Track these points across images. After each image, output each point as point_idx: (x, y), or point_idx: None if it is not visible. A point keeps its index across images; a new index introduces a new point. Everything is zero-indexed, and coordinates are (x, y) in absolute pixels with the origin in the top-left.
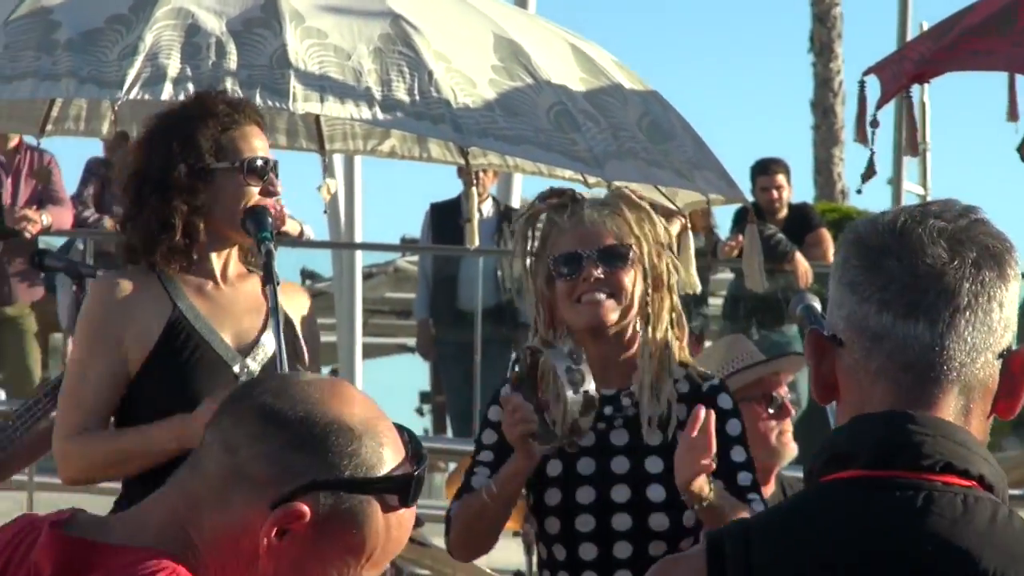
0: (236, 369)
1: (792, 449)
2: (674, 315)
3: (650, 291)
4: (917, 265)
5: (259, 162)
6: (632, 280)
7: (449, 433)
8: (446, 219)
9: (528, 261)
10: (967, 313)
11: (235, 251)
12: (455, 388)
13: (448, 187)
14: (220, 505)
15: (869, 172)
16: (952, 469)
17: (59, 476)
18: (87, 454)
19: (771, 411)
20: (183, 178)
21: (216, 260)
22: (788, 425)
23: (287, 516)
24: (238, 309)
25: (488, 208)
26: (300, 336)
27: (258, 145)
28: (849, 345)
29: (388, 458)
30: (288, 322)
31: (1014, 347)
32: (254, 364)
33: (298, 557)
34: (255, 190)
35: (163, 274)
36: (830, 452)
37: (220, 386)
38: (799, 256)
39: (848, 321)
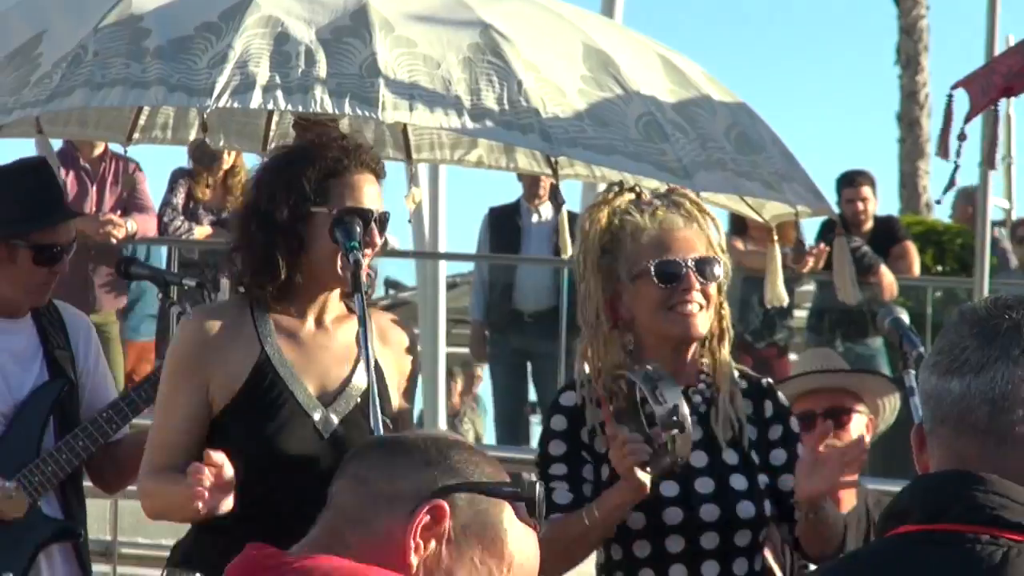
0: (316, 418)
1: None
2: (727, 319)
3: (723, 299)
4: (986, 329)
5: (360, 212)
6: (716, 291)
7: (489, 439)
8: (504, 224)
9: (594, 256)
10: None
11: (335, 294)
12: (502, 393)
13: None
14: (362, 528)
15: (950, 185)
16: (1001, 523)
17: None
18: (164, 495)
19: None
20: (285, 218)
21: (313, 303)
22: (844, 441)
23: (428, 514)
24: (328, 356)
25: (546, 211)
26: (393, 392)
27: (366, 192)
28: (925, 421)
29: (505, 476)
30: (380, 373)
31: None
32: (335, 416)
33: (448, 567)
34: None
35: (258, 312)
36: (893, 510)
37: (298, 437)
38: (884, 268)
39: (924, 398)
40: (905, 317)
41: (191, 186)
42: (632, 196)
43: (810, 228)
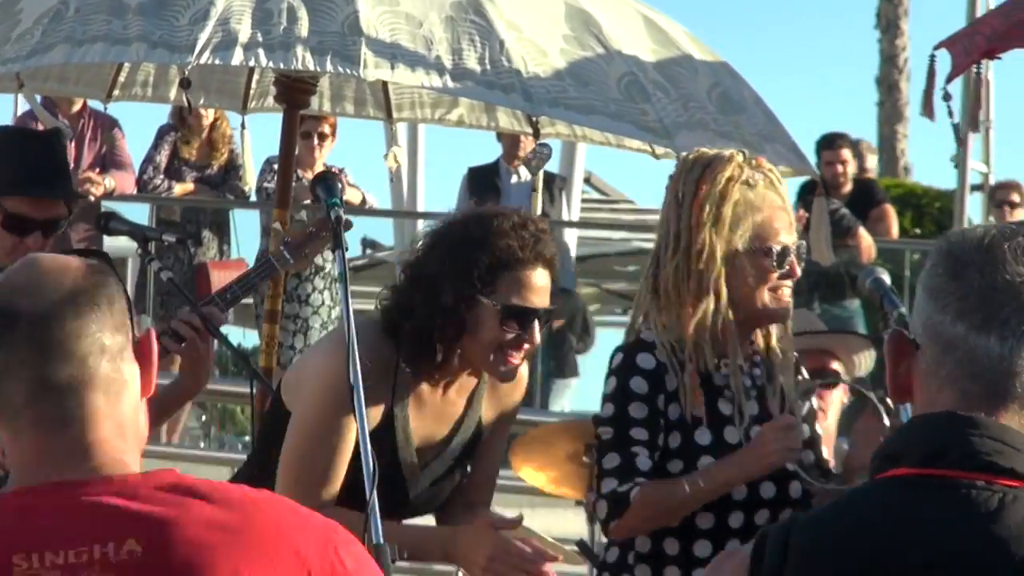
0: (406, 484)
1: (827, 425)
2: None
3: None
4: (996, 280)
5: (525, 311)
6: None
7: None
8: (483, 184)
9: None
10: None
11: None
12: None
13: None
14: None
15: (959, 141)
16: (995, 468)
17: None
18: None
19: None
20: (449, 304)
21: (452, 378)
22: (826, 402)
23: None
24: (441, 418)
25: (526, 172)
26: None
27: (536, 289)
28: (924, 350)
29: None
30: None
31: None
32: (426, 481)
33: None
34: (511, 334)
35: (400, 369)
36: (885, 451)
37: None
38: (862, 231)
39: (925, 327)
40: (886, 278)
41: (177, 143)
42: (746, 170)
43: (790, 189)
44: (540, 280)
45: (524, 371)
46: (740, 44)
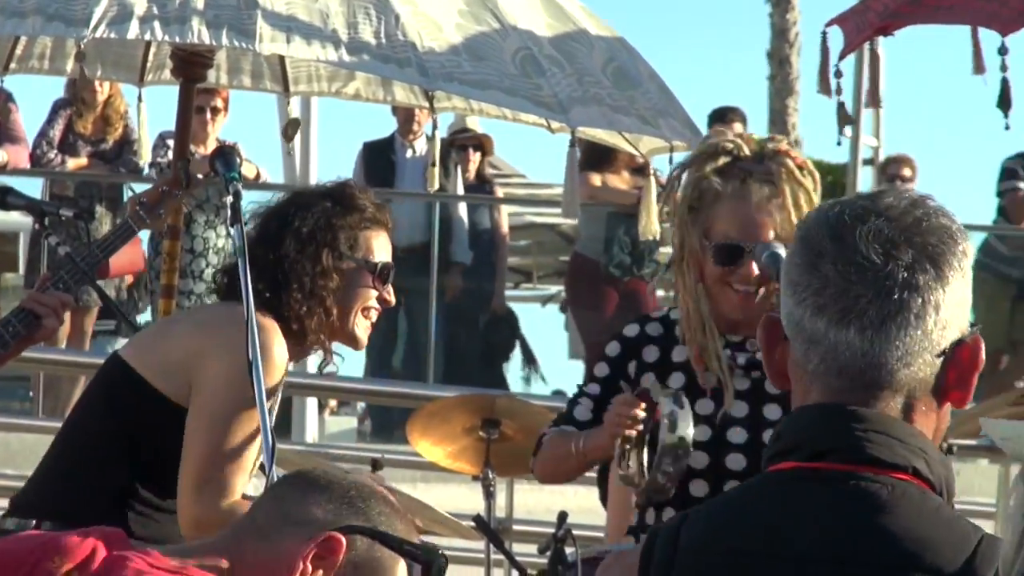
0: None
1: None
2: None
3: None
4: (850, 270)
5: (390, 268)
6: None
7: (357, 372)
8: (378, 158)
9: (683, 214)
10: (899, 319)
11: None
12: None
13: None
14: (263, 540)
15: (843, 119)
16: (880, 463)
17: (185, 526)
18: None
19: None
20: (328, 262)
21: (307, 351)
22: None
23: (325, 544)
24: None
25: (421, 146)
26: None
27: (388, 251)
28: (791, 342)
29: (416, 538)
30: None
31: (965, 337)
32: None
33: None
34: (374, 294)
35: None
36: (775, 445)
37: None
38: None
39: (788, 320)
40: (782, 251)
41: (71, 118)
42: (727, 160)
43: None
44: (387, 241)
45: None
46: (635, 18)
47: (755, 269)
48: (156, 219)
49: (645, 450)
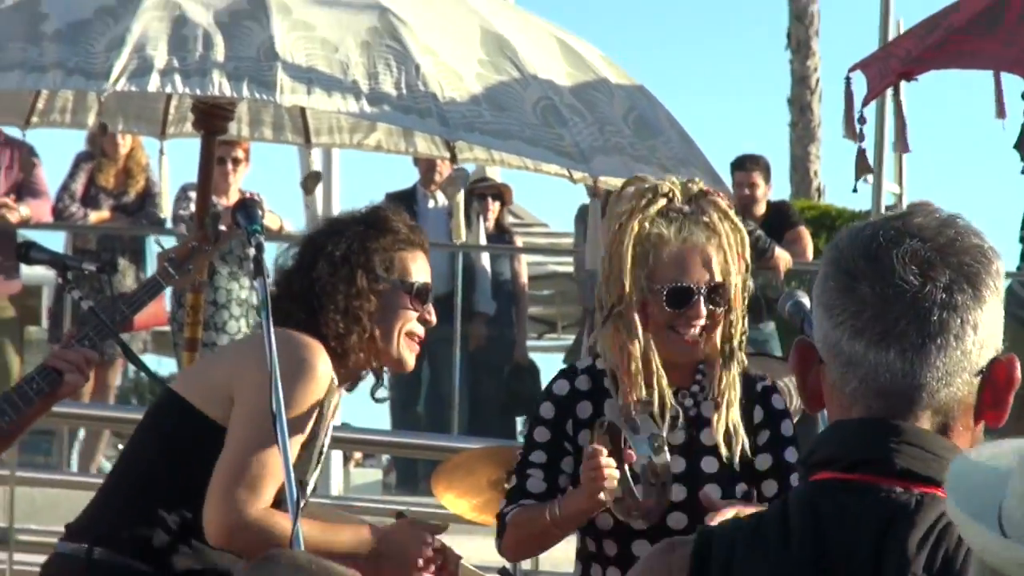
0: (309, 478)
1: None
2: (742, 328)
3: (732, 315)
4: (888, 292)
5: (427, 289)
6: (723, 314)
7: (384, 424)
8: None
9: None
10: (938, 340)
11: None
12: (399, 377)
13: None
14: None
15: (862, 167)
16: (912, 476)
17: (213, 536)
18: (272, 536)
19: None
20: (363, 284)
21: (355, 374)
22: None
23: None
24: (331, 420)
25: (443, 197)
26: None
27: (425, 272)
28: (827, 365)
29: None
30: None
31: (1000, 357)
32: (311, 484)
33: None
34: (414, 315)
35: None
36: (811, 457)
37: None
38: (779, 249)
39: (824, 343)
40: (806, 301)
41: (93, 171)
42: (664, 202)
43: None
44: (427, 264)
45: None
46: (655, 66)
47: (703, 310)
48: (185, 275)
49: (631, 481)
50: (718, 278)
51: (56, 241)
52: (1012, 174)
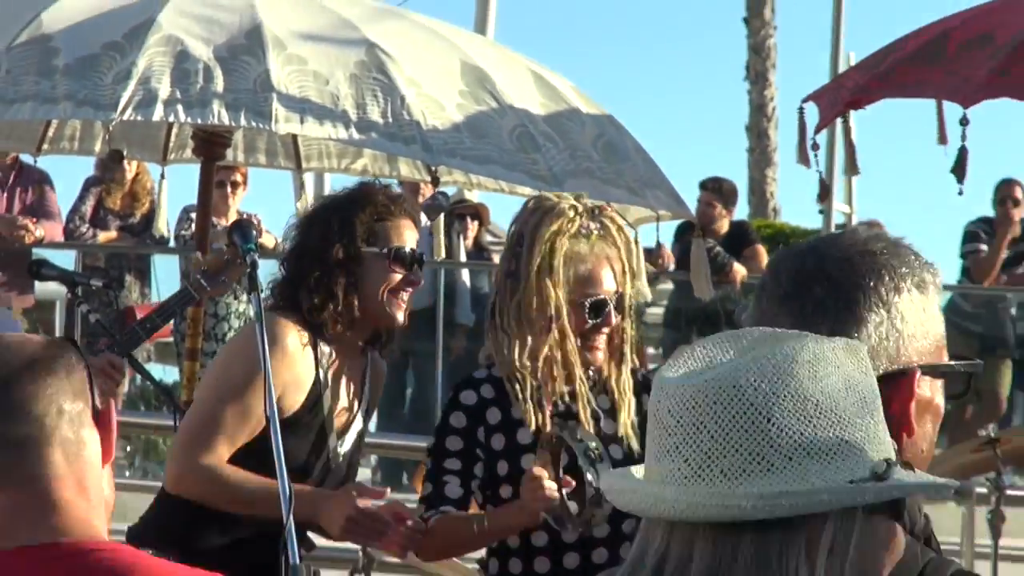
0: (331, 444)
1: None
2: (633, 334)
3: (625, 320)
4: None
5: (406, 252)
6: (620, 319)
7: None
8: None
9: (538, 273)
10: None
11: (367, 331)
12: (386, 384)
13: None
14: None
15: (823, 192)
16: None
17: (168, 483)
18: (221, 487)
19: None
20: (340, 256)
21: (361, 338)
22: None
23: None
24: (347, 385)
25: (425, 218)
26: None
27: (408, 237)
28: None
29: None
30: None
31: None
32: (343, 448)
33: None
34: (399, 276)
35: (319, 338)
36: None
37: (316, 464)
38: (737, 265)
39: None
40: None
41: (102, 194)
42: (571, 219)
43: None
44: (411, 229)
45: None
46: (623, 96)
47: (613, 319)
48: (218, 285)
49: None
50: (620, 288)
51: (67, 259)
52: (953, 195)
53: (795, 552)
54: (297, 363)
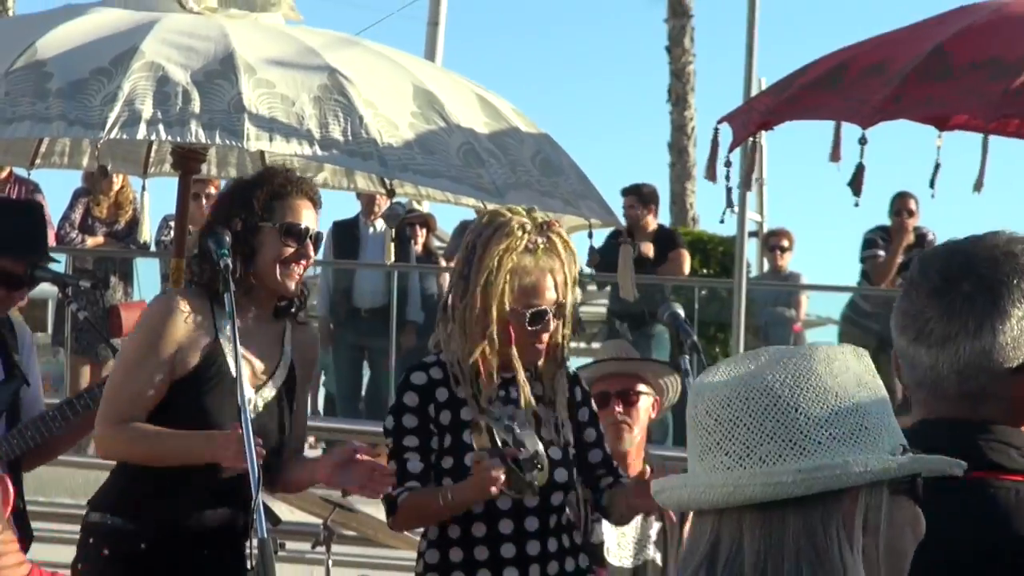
0: (248, 395)
1: (633, 436)
2: (568, 334)
3: (563, 326)
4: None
5: (298, 227)
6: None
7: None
8: (345, 234)
9: (486, 282)
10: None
11: (271, 298)
12: (343, 376)
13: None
14: None
15: (729, 203)
16: (1002, 468)
17: (98, 452)
18: (132, 442)
19: (620, 405)
20: (238, 229)
21: (258, 305)
22: (633, 417)
23: None
24: (258, 345)
25: (381, 225)
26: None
27: (304, 215)
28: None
29: None
30: (304, 364)
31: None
32: (262, 399)
33: None
34: (291, 250)
35: (216, 305)
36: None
37: (230, 415)
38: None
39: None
40: (681, 311)
41: (89, 204)
42: (520, 233)
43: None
44: (308, 208)
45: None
46: (557, 116)
47: (552, 326)
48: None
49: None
50: (561, 298)
51: (58, 262)
52: (852, 206)
53: (835, 524)
54: (191, 327)
